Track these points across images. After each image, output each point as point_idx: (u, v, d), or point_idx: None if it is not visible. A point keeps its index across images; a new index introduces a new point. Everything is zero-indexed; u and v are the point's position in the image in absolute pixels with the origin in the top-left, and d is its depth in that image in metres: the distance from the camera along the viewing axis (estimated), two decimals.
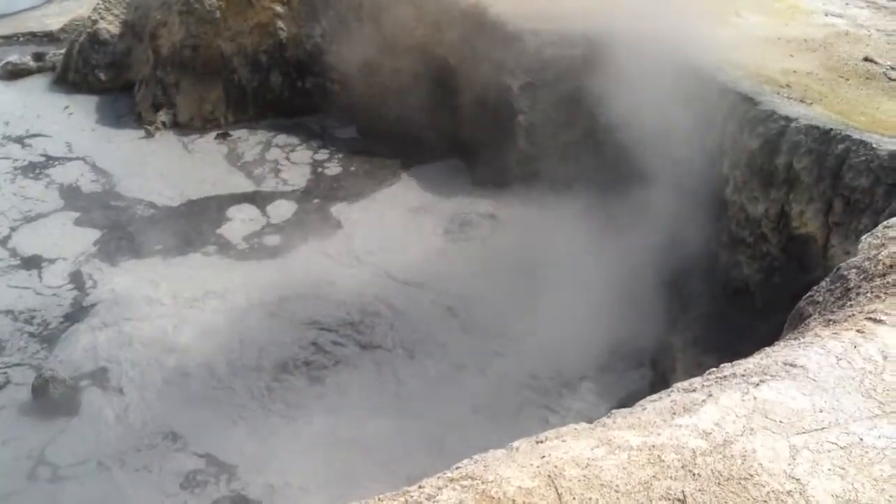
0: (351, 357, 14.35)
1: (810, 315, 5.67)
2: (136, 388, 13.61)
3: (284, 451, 12.58)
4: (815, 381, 4.25)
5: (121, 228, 17.45)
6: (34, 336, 14.59)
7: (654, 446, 3.76)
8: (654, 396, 4.35)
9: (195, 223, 17.73)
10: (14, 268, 16.14)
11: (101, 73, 22.14)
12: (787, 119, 12.60)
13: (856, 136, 11.75)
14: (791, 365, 4.39)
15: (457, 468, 3.76)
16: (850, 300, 5.43)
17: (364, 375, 14.03)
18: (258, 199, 18.56)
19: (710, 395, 4.14)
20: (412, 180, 18.95)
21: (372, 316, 15.14)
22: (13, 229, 17.20)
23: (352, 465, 12.29)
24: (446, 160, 19.05)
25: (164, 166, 19.55)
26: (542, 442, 3.92)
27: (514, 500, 3.46)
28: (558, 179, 16.07)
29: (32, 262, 16.30)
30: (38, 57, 23.34)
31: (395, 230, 17.36)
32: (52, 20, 25.90)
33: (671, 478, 3.59)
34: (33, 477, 12.13)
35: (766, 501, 3.51)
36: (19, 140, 20.18)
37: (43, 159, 19.54)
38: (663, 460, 3.67)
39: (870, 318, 4.88)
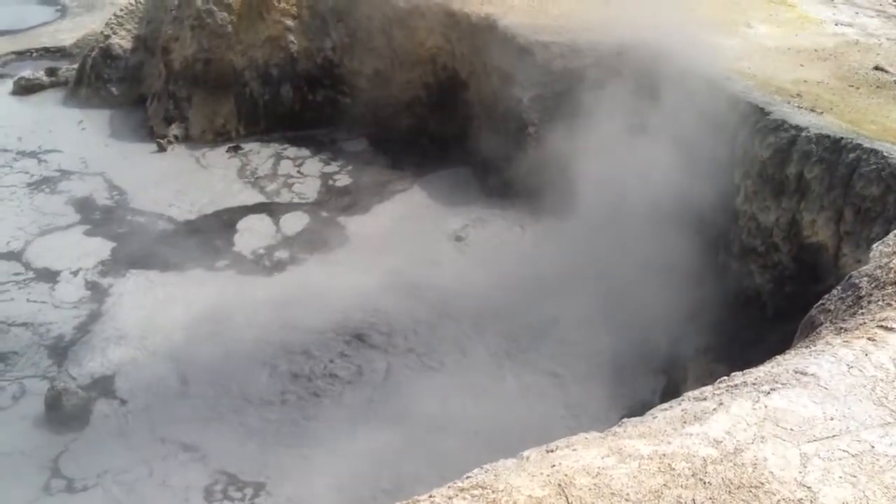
0: (361, 368, 14.35)
1: (821, 323, 5.66)
2: (149, 400, 13.65)
3: (301, 465, 12.59)
4: (826, 389, 4.25)
5: (134, 242, 17.51)
6: (48, 348, 14.65)
7: (664, 455, 3.76)
8: (665, 405, 4.35)
9: (208, 236, 17.79)
10: (29, 281, 16.23)
11: (113, 87, 22.28)
12: (798, 128, 12.60)
13: (867, 144, 11.74)
14: (802, 373, 4.39)
15: (467, 478, 3.77)
16: (861, 308, 5.42)
17: (373, 387, 14.04)
18: (270, 212, 18.61)
19: (721, 404, 4.14)
20: (423, 191, 18.98)
21: (382, 326, 15.15)
22: (28, 243, 17.29)
23: (366, 478, 12.31)
24: (456, 171, 19.05)
25: (176, 180, 19.64)
26: (552, 451, 3.92)
27: None
28: (568, 189, 16.06)
29: (47, 276, 16.38)
30: (51, 72, 23.49)
31: (405, 240, 17.37)
32: (65, 35, 26.08)
33: (682, 486, 3.59)
34: (48, 488, 12.17)
35: None
36: (33, 155, 20.31)
37: (57, 174, 19.65)
38: (674, 469, 3.68)
39: (881, 326, 4.87)
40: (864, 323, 5.03)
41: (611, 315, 14.42)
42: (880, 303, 5.31)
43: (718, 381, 4.56)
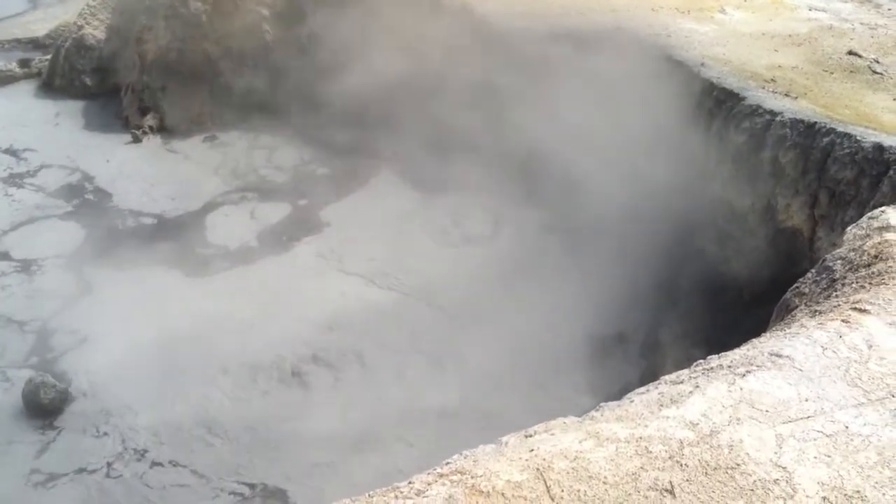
0: (341, 358, 14.32)
1: (796, 306, 5.71)
2: (123, 395, 13.53)
3: (290, 463, 12.60)
4: (800, 370, 4.29)
5: (109, 234, 17.40)
6: (25, 341, 14.55)
7: (641, 438, 3.79)
8: (642, 389, 4.38)
9: (183, 227, 17.70)
10: (5, 273, 16.09)
11: (87, 78, 22.10)
12: (773, 113, 12.66)
13: (840, 129, 11.81)
14: (777, 355, 4.42)
15: (447, 463, 3.79)
16: (835, 291, 5.47)
17: (353, 376, 14.04)
18: (245, 202, 18.53)
19: (697, 387, 4.17)
20: (398, 179, 18.96)
21: (360, 315, 15.13)
22: (4, 233, 17.17)
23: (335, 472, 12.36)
24: (432, 158, 19.00)
25: (151, 170, 19.52)
26: (530, 436, 3.94)
27: (503, 494, 3.49)
28: (542, 176, 16.10)
29: (23, 269, 16.26)
30: (24, 63, 23.29)
31: (381, 229, 17.36)
32: (38, 26, 25.81)
33: (659, 469, 3.62)
34: (30, 482, 12.09)
35: (752, 490, 3.54)
36: (6, 146, 20.12)
37: (31, 166, 19.48)
38: (651, 451, 3.70)
39: (855, 308, 4.91)
40: (839, 305, 5.08)
41: (585, 299, 14.48)
42: (854, 285, 5.36)
43: (695, 364, 4.59)
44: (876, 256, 5.58)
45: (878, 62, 14.32)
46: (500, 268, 15.74)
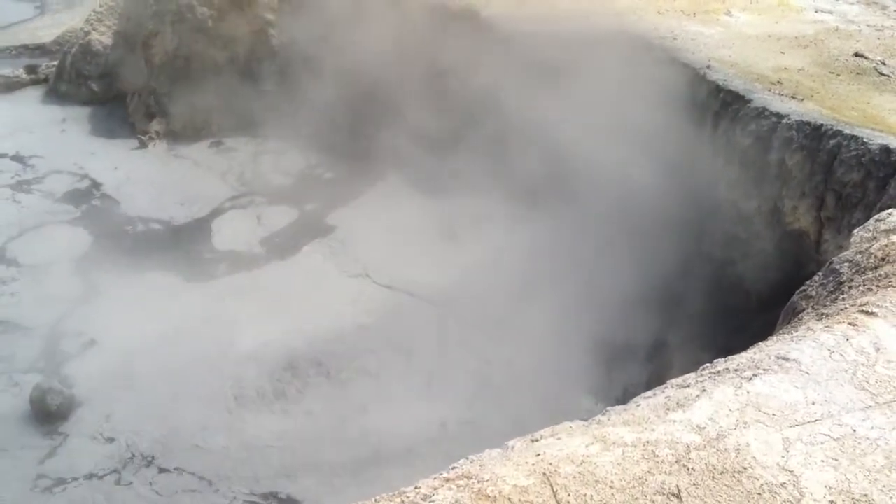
0: (348, 363, 14.32)
1: (803, 309, 5.68)
2: (134, 401, 13.55)
3: (296, 467, 12.59)
4: (807, 374, 4.27)
5: (115, 239, 17.42)
6: (32, 346, 14.57)
7: (648, 442, 3.77)
8: (648, 393, 4.36)
9: (189, 233, 17.73)
10: (12, 280, 16.13)
11: (94, 83, 22.15)
12: (779, 115, 12.64)
13: (847, 131, 11.79)
14: (784, 358, 4.40)
15: (453, 468, 3.78)
16: (842, 293, 5.45)
17: (359, 380, 14.03)
18: (251, 207, 18.54)
19: (704, 390, 4.15)
20: (404, 182, 18.95)
21: (366, 319, 15.14)
22: (11, 239, 17.20)
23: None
24: (437, 162, 18.99)
25: (158, 176, 19.55)
26: (537, 440, 3.93)
27: (509, 499, 3.48)
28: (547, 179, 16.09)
29: (31, 274, 16.29)
30: (31, 69, 23.34)
31: (388, 233, 17.37)
32: (45, 32, 25.87)
33: (666, 473, 3.60)
34: (37, 487, 12.11)
35: (760, 494, 3.53)
36: (13, 152, 20.17)
37: (38, 172, 19.52)
38: (657, 455, 3.69)
39: (862, 311, 4.89)
40: (846, 308, 5.06)
41: (589, 302, 14.47)
42: (861, 288, 5.34)
43: (701, 367, 4.57)
44: (883, 259, 5.56)
45: (884, 64, 14.30)
46: (506, 271, 15.72)
